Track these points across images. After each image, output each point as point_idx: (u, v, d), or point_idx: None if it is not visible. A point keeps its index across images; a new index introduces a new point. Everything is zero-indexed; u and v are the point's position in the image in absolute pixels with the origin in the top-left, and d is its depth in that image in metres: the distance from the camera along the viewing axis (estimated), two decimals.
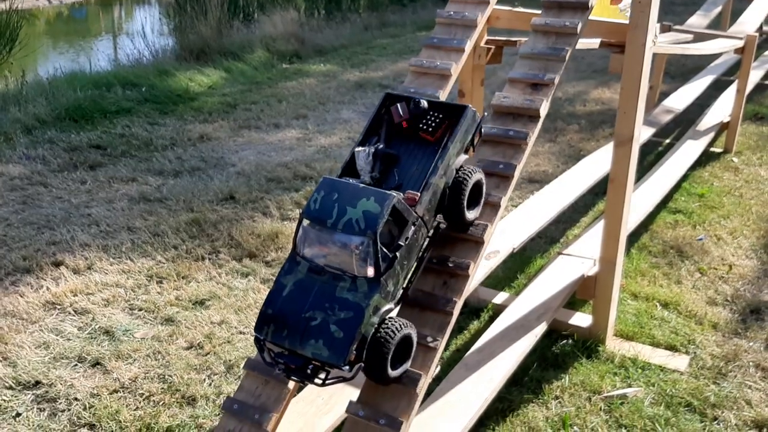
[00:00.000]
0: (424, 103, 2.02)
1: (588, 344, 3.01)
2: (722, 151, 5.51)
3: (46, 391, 2.81)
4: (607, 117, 6.44)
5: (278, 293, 1.82)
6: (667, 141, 5.77)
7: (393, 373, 1.78)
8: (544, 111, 2.16)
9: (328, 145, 5.88)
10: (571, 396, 2.74)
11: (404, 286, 1.89)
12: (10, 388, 2.83)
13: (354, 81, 8.22)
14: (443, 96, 2.31)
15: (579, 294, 3.05)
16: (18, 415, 2.69)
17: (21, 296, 3.48)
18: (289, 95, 7.53)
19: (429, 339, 1.88)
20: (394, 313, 1.83)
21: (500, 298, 3.36)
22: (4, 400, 2.75)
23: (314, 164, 5.36)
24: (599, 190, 4.46)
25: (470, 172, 1.95)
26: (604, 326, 3.00)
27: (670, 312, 3.30)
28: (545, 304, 2.79)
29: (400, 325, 1.75)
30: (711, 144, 5.40)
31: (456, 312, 1.92)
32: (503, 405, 2.68)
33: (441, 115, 2.02)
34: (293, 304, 1.78)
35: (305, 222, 1.83)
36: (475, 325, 3.25)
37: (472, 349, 2.60)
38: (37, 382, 2.87)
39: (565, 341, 3.06)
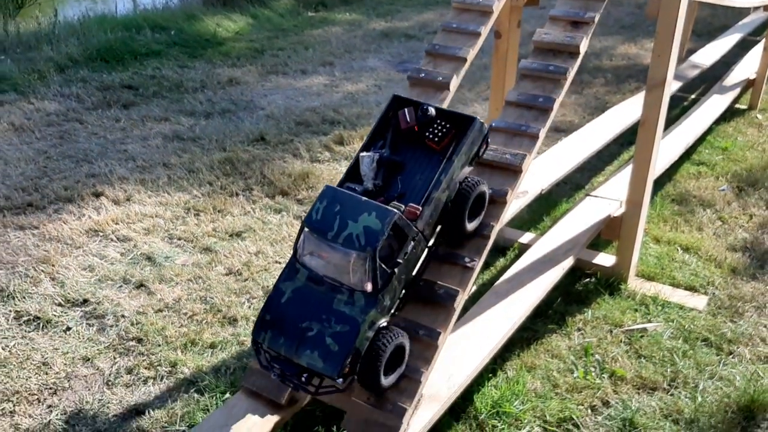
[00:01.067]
0: (432, 111, 2.00)
1: (611, 282, 3.13)
2: (747, 108, 5.53)
3: (94, 309, 2.98)
4: (633, 72, 6.44)
5: (277, 299, 1.86)
6: (693, 96, 5.79)
7: (385, 382, 1.84)
8: (583, 48, 2.24)
9: (354, 92, 5.95)
10: (593, 328, 2.87)
11: (400, 297, 1.91)
12: (60, 305, 3.00)
13: (380, 30, 8.23)
14: (485, 31, 2.38)
15: (604, 234, 3.15)
16: (68, 329, 2.85)
17: (64, 223, 3.63)
18: (315, 43, 7.57)
19: (467, 260, 2.00)
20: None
21: (526, 238, 3.47)
22: (55, 316, 2.92)
23: (341, 110, 5.44)
24: (624, 141, 4.53)
25: (474, 185, 1.94)
26: (627, 266, 3.11)
27: (690, 256, 3.41)
28: (573, 240, 2.90)
29: (392, 336, 1.79)
30: (736, 100, 5.43)
31: (493, 235, 2.03)
32: (528, 334, 2.81)
33: (448, 125, 1.99)
34: (291, 312, 1.82)
35: (306, 230, 1.85)
36: (501, 262, 3.38)
37: (502, 278, 2.72)
38: (85, 300, 3.03)
39: (588, 279, 3.18)
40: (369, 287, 1.78)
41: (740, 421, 2.38)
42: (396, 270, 1.82)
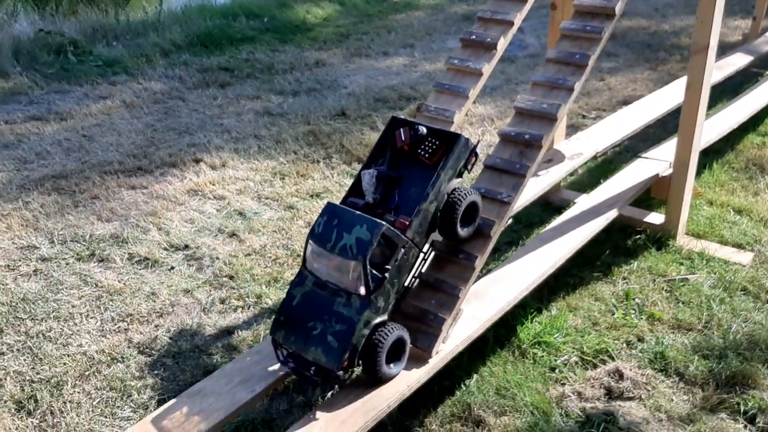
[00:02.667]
0: (423, 130, 2.22)
1: (659, 239, 3.33)
2: None
3: (194, 252, 3.45)
4: None
5: (289, 303, 2.13)
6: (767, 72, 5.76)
7: (388, 372, 2.08)
8: (619, 10, 2.48)
9: (432, 71, 6.26)
10: (637, 278, 3.09)
11: (397, 297, 2.14)
12: (165, 249, 3.49)
13: (461, 13, 8.48)
14: None
15: (654, 193, 3.35)
16: (172, 268, 3.34)
17: (169, 184, 4.15)
18: (398, 26, 7.92)
19: (504, 195, 2.30)
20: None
21: (581, 198, 3.70)
22: (161, 257, 3.41)
23: (418, 87, 5.77)
24: None
25: (464, 195, 2.15)
26: (676, 224, 3.29)
27: (742, 217, 3.54)
28: (618, 195, 3.12)
29: (389, 331, 2.03)
30: None
31: (528, 175, 2.32)
32: (574, 280, 3.07)
33: (438, 142, 2.22)
34: (300, 313, 2.08)
35: (311, 241, 2.12)
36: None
37: (548, 227, 2.99)
38: (186, 246, 3.51)
39: (638, 236, 3.39)
40: (363, 290, 2.01)
41: (767, 359, 2.56)
42: (387, 275, 2.05)
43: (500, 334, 2.72)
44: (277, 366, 2.19)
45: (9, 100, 5.57)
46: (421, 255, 2.20)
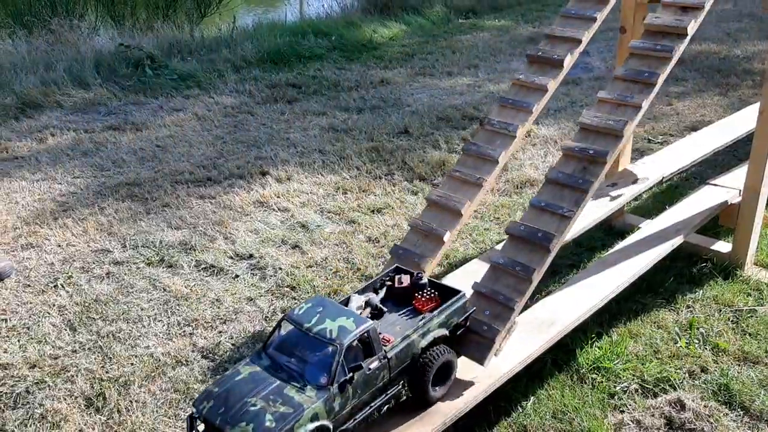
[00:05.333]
0: (425, 279, 2.23)
1: (726, 268, 3.24)
2: None
3: (257, 262, 3.55)
4: None
5: (232, 377, 1.91)
6: None
7: None
8: (691, 30, 2.46)
9: (496, 91, 6.27)
10: (702, 306, 3.02)
11: (347, 422, 1.89)
12: (231, 258, 3.60)
13: (527, 35, 8.47)
14: (600, 17, 2.66)
15: (722, 221, 3.27)
16: (236, 276, 3.44)
17: (236, 195, 4.27)
18: (463, 47, 7.96)
19: (565, 210, 2.29)
20: None
21: (646, 224, 3.64)
22: (227, 266, 3.51)
23: (481, 107, 5.79)
24: None
25: (441, 353, 2.06)
26: (744, 252, 3.21)
27: None
28: (685, 222, 3.06)
29: None
30: None
31: (591, 191, 2.31)
32: (636, 306, 3.02)
33: (436, 293, 2.20)
34: (240, 388, 1.86)
35: (284, 322, 2.02)
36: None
37: (612, 250, 2.96)
38: (251, 255, 3.61)
39: (704, 264, 3.31)
40: (324, 380, 1.83)
41: None
42: (355, 376, 1.85)
43: (559, 358, 2.70)
44: None
45: (89, 110, 5.85)
46: (384, 400, 2.02)
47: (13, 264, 3.50)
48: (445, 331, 2.12)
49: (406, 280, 2.27)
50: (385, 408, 2.02)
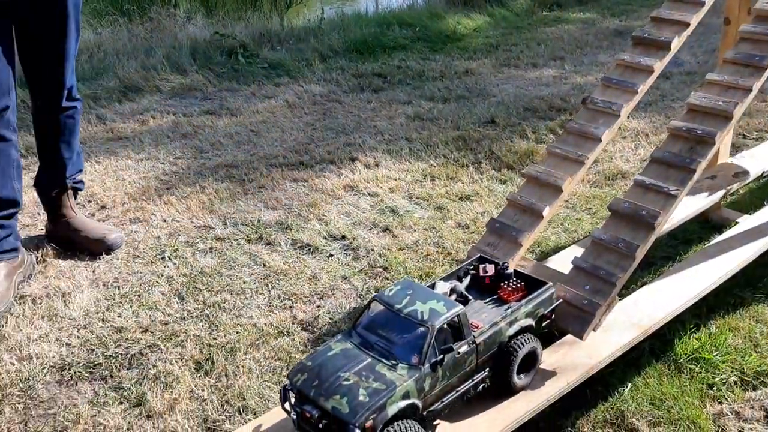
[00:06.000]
0: (510, 269, 2.25)
1: None
2: None
3: (350, 243, 3.66)
4: None
5: (324, 353, 1.95)
6: None
7: None
8: None
9: (583, 83, 6.21)
10: None
11: (434, 404, 1.92)
12: (325, 238, 3.72)
13: (613, 28, 8.33)
14: (709, 2, 2.64)
15: None
16: (330, 255, 3.56)
17: (327, 179, 4.40)
18: (548, 39, 7.90)
19: (671, 189, 2.29)
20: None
21: (744, 219, 3.56)
22: (321, 245, 3.64)
23: (569, 98, 5.75)
24: None
25: (526, 341, 2.08)
26: None
27: None
28: None
29: (406, 428, 1.79)
30: None
31: (698, 171, 2.31)
32: (735, 300, 2.98)
33: (522, 283, 2.22)
34: (333, 363, 1.89)
35: (373, 304, 2.04)
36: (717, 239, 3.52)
37: (712, 242, 2.93)
38: (343, 236, 3.73)
39: None
40: (415, 360, 1.86)
41: None
42: (445, 357, 1.88)
43: (656, 347, 2.70)
44: None
45: (187, 95, 6.11)
46: (470, 386, 2.03)
47: (123, 236, 3.72)
48: (531, 322, 2.13)
49: (491, 269, 2.28)
50: (471, 394, 2.04)
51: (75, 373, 2.80)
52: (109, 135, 5.21)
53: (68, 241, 3.65)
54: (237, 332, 2.97)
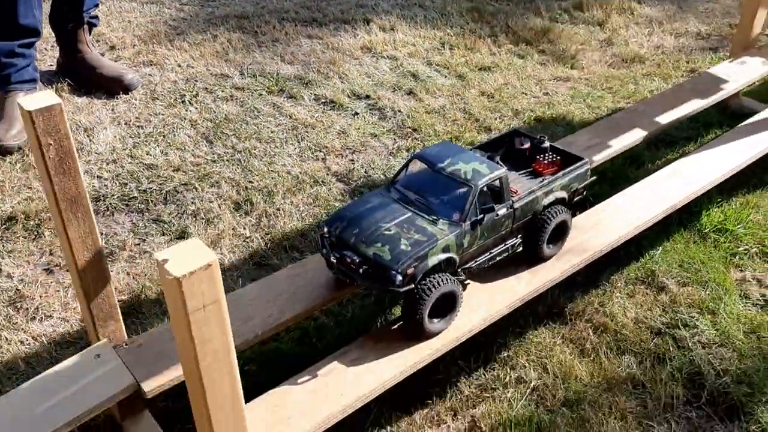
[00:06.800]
0: (547, 143, 2.23)
1: None
2: None
3: (375, 102, 3.62)
4: None
5: (363, 204, 1.93)
6: None
7: (430, 327, 1.86)
8: None
9: None
10: None
11: (469, 262, 1.96)
12: (348, 96, 3.66)
13: None
14: None
15: None
16: (356, 113, 3.52)
17: (343, 39, 4.28)
18: None
19: None
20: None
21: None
22: (345, 102, 3.59)
23: None
24: None
25: (559, 212, 2.09)
26: None
27: None
28: None
29: (444, 280, 1.82)
30: None
31: None
32: (756, 181, 3.09)
33: (558, 157, 2.21)
34: (374, 214, 1.88)
35: (412, 162, 2.03)
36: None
37: (741, 124, 3.02)
38: (367, 96, 3.68)
39: None
40: (456, 216, 1.87)
41: None
42: (485, 217, 1.90)
43: (683, 218, 2.81)
44: None
45: None
46: (502, 250, 2.07)
47: (139, 77, 3.59)
48: (565, 194, 2.16)
49: (527, 142, 2.29)
50: (502, 257, 2.09)
51: (111, 204, 2.77)
52: None
53: (83, 77, 3.51)
54: (272, 178, 2.96)
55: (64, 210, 1.55)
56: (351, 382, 1.76)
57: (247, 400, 1.58)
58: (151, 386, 1.68)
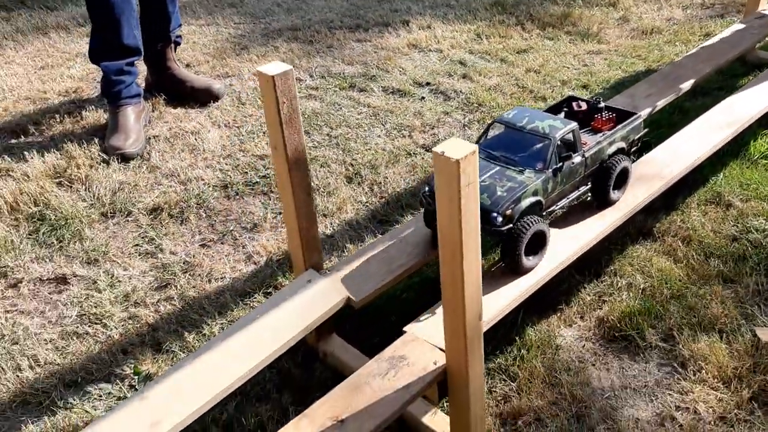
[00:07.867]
0: (602, 104, 2.56)
1: None
2: None
3: (437, 87, 4.05)
4: None
5: None
6: None
7: (526, 263, 2.11)
8: None
9: None
10: None
11: (551, 206, 2.22)
12: (411, 85, 4.09)
13: None
14: None
15: None
16: (422, 98, 3.94)
17: (389, 39, 4.71)
18: None
19: None
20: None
21: None
22: (411, 90, 4.01)
23: None
24: None
25: (621, 159, 2.39)
26: None
27: None
28: None
29: (535, 220, 2.07)
30: None
31: None
32: None
33: (614, 114, 2.52)
34: None
35: (492, 127, 2.34)
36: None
37: (756, 78, 3.47)
38: (428, 83, 4.10)
39: None
40: (540, 165, 2.13)
41: None
42: (564, 165, 2.18)
43: (733, 149, 3.24)
44: None
45: None
46: (576, 196, 2.34)
47: (224, 86, 3.99)
48: (624, 145, 2.49)
49: (583, 105, 2.60)
50: (575, 202, 2.40)
51: (238, 190, 3.17)
52: None
53: (174, 91, 3.91)
54: (372, 154, 3.37)
55: (290, 156, 1.95)
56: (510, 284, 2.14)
57: (407, 321, 1.99)
58: (359, 297, 2.07)
